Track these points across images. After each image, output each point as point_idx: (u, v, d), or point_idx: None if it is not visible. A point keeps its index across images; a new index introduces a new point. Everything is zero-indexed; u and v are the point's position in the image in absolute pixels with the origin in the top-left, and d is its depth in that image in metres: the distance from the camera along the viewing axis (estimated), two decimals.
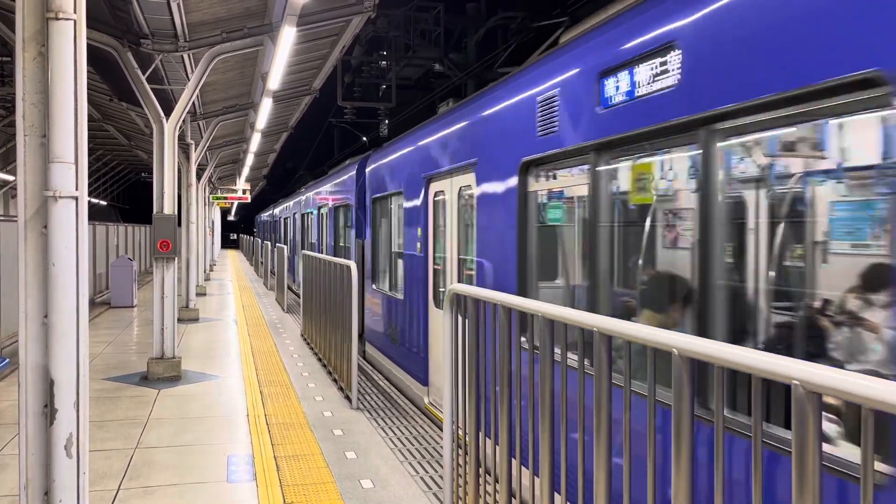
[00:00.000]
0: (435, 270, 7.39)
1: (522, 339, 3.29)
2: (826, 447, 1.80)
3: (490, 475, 3.56)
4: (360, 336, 11.20)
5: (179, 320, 12.06)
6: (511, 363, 3.37)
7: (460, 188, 6.51)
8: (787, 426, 1.98)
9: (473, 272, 6.05)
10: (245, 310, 15.62)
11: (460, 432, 3.85)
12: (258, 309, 15.82)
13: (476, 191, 5.89)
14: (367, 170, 10.79)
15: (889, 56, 2.28)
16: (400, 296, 8.73)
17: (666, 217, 3.88)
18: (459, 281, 6.44)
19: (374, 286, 10.36)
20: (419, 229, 7.73)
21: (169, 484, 4.95)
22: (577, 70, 4.28)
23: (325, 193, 15.54)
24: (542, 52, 6.05)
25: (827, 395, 1.64)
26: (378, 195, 10.00)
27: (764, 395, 2.54)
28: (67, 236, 3.07)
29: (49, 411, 3.08)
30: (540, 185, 4.95)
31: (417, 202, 7.81)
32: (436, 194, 7.32)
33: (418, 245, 7.76)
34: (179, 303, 13.12)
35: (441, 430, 3.96)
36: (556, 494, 3.04)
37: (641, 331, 2.31)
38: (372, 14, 8.32)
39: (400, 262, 8.92)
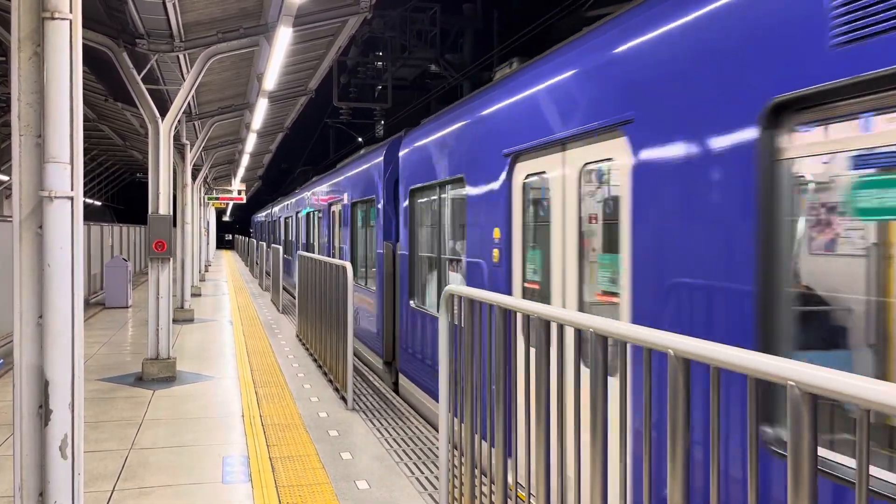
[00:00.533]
0: (525, 289, 5.26)
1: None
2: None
3: (486, 476, 3.56)
4: (389, 364, 9.47)
5: (174, 321, 12.05)
6: (507, 363, 3.35)
7: (584, 165, 4.44)
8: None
9: (622, 300, 3.84)
10: (240, 310, 15.59)
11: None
12: (253, 310, 15.79)
13: (630, 164, 3.78)
14: (402, 153, 8.57)
15: None
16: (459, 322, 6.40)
17: None
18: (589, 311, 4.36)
19: (412, 303, 8.16)
20: (495, 229, 5.69)
21: (164, 485, 4.94)
22: None
23: (338, 188, 13.06)
24: None
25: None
26: (420, 185, 7.82)
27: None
28: (62, 237, 3.07)
29: (44, 412, 3.08)
30: (821, 146, 2.75)
31: (492, 189, 5.73)
32: (528, 177, 5.25)
33: (494, 252, 5.69)
34: (174, 303, 13.12)
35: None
36: None
37: (634, 330, 2.30)
38: (368, 14, 8.32)
39: (454, 275, 7.03)
